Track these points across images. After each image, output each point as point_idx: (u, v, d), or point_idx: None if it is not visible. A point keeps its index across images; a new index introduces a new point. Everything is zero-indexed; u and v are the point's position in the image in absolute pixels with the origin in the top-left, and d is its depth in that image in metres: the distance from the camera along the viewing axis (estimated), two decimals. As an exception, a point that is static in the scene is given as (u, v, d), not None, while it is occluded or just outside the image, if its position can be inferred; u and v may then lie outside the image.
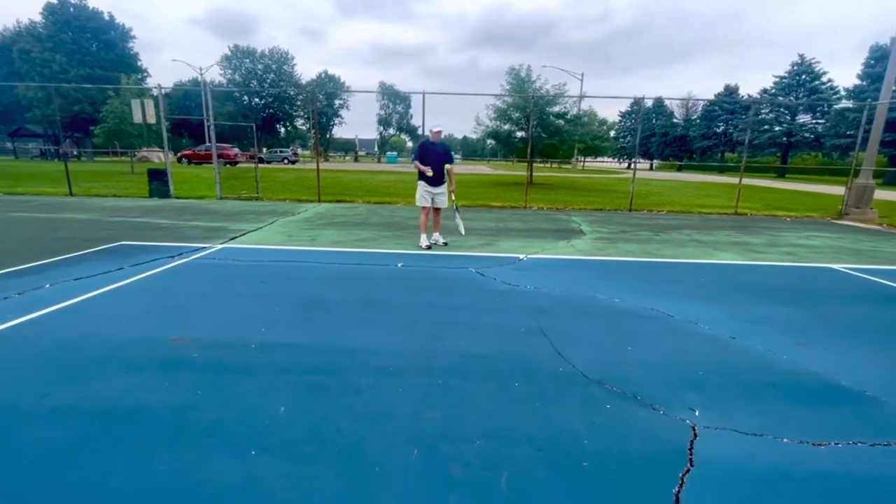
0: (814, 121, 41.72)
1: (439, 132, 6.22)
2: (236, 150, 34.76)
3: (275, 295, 4.15)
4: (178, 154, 34.05)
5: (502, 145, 20.62)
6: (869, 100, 12.93)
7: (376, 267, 5.30)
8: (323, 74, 63.31)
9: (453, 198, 6.65)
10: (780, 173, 43.59)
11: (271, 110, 59.61)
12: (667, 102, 62.83)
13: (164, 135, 11.71)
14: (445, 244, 6.61)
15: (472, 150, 71.16)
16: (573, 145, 19.48)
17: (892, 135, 31.26)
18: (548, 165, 47.32)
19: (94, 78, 38.78)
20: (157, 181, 11.98)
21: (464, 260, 5.79)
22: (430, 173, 6.17)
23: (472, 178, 23.44)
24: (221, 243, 6.32)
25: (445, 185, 6.50)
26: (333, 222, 8.52)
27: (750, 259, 6.28)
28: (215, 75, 58.23)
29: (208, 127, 11.66)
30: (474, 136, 21.85)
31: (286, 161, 39.28)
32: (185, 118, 35.57)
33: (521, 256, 6.00)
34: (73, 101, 38.33)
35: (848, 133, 34.08)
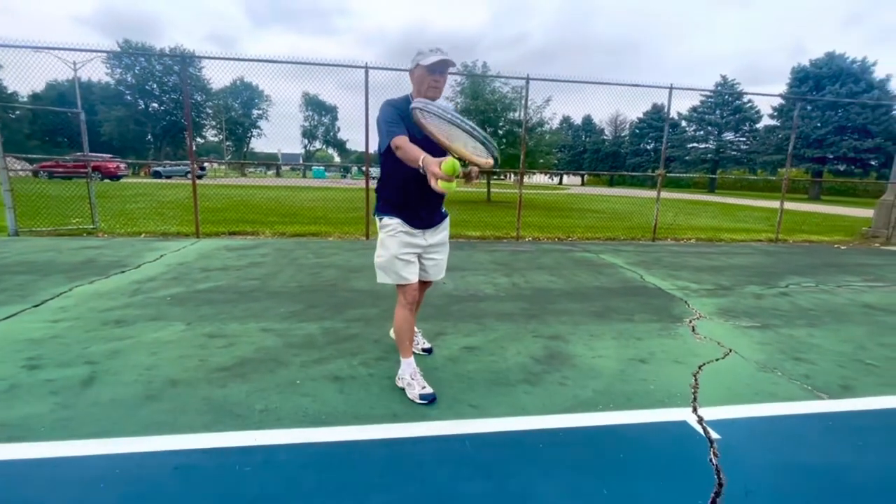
0: (737, 138, 43.32)
1: (445, 64, 2.14)
2: (118, 161, 27.98)
3: None
4: (37, 164, 26.59)
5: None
6: None
7: None
8: (238, 82, 56.63)
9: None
10: (710, 188, 44.83)
11: (173, 118, 51.62)
12: (595, 120, 63.92)
13: None
14: (429, 351, 2.84)
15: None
16: (541, 156, 16.46)
17: (818, 151, 32.43)
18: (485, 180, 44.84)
19: (-83, 68, 29.82)
20: None
21: None
22: (440, 188, 1.89)
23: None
24: None
25: (447, 220, 2.55)
26: (194, 293, 4.17)
27: None
28: (101, 75, 49.50)
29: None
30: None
31: (189, 176, 32.96)
32: (44, 107, 28.26)
33: (695, 425, 2.16)
34: None
35: (772, 151, 35.10)
